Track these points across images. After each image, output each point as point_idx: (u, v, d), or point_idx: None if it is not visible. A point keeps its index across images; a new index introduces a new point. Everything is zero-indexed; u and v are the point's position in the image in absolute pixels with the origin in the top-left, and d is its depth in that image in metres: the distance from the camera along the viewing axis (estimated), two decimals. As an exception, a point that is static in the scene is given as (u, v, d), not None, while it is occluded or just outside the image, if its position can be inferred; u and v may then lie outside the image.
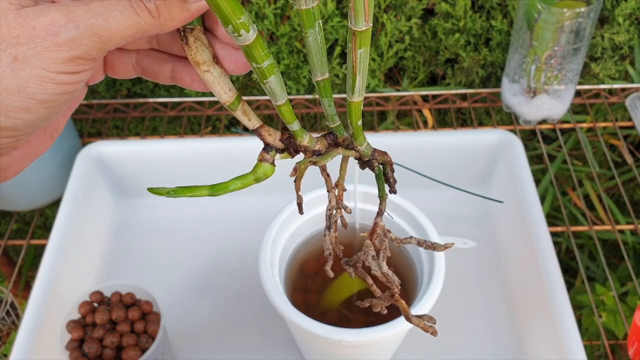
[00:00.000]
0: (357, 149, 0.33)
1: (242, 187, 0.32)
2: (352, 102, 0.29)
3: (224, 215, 0.80)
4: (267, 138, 0.32)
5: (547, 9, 0.70)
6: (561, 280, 0.63)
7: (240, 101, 0.30)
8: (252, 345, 0.67)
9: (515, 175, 0.73)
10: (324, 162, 0.32)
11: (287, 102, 0.29)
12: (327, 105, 0.30)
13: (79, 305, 0.61)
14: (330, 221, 0.33)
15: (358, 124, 0.31)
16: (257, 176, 0.32)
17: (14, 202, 0.78)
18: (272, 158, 0.32)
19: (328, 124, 0.32)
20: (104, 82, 0.92)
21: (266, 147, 0.32)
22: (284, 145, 0.32)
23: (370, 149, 0.33)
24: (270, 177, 0.82)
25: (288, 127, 0.31)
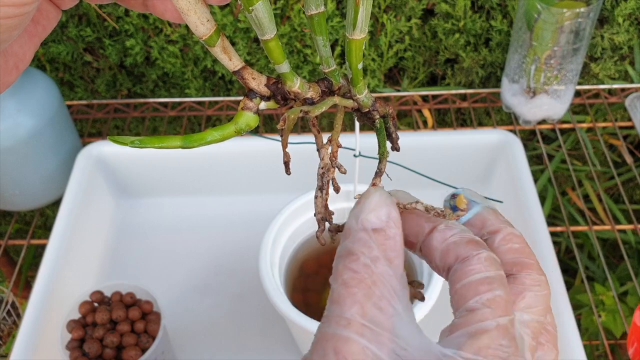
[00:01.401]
0: (356, 98, 0.29)
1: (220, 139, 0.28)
2: (353, 40, 0.26)
3: (224, 215, 0.80)
4: (250, 82, 0.28)
5: (546, 9, 0.70)
6: (561, 280, 0.63)
7: (220, 36, 0.26)
8: (252, 345, 0.68)
9: (515, 175, 0.73)
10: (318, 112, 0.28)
11: (276, 38, 0.25)
12: (321, 44, 0.26)
13: (80, 305, 0.61)
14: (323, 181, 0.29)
15: (358, 67, 0.27)
16: (239, 127, 0.28)
17: (14, 202, 0.78)
18: (256, 106, 0.28)
19: (322, 69, 0.28)
20: (104, 83, 0.92)
21: (249, 93, 0.28)
22: (270, 91, 0.28)
23: (370, 98, 0.29)
24: (271, 177, 0.82)
25: (276, 68, 0.27)
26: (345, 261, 0.23)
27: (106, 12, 0.85)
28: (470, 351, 0.21)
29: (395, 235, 0.23)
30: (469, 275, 0.23)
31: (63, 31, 0.87)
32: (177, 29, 0.86)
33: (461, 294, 0.23)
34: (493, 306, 0.22)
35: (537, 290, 0.25)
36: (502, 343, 0.22)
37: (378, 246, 0.23)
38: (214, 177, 0.80)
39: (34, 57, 0.89)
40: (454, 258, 0.24)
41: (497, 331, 0.22)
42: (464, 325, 0.22)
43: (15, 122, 0.70)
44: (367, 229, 0.23)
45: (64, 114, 0.77)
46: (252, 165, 0.79)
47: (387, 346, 0.21)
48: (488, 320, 0.22)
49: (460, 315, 0.23)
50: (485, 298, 0.22)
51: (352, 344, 0.21)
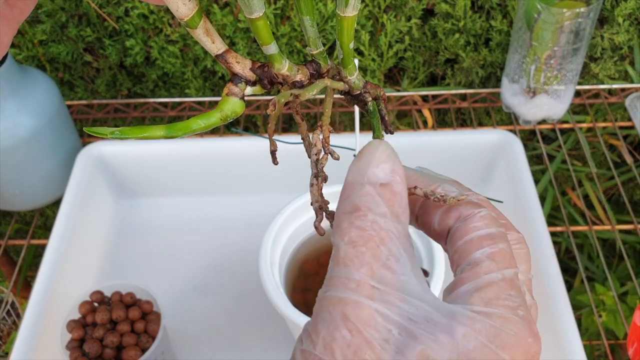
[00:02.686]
0: (347, 79, 0.27)
1: (205, 128, 0.26)
2: (345, 18, 0.24)
3: (224, 215, 0.80)
4: (234, 66, 0.26)
5: (546, 9, 0.70)
6: (561, 280, 0.63)
7: (202, 17, 0.25)
8: (252, 345, 0.68)
9: (515, 175, 0.73)
10: (309, 95, 0.27)
11: (264, 17, 0.24)
12: (308, 25, 0.25)
13: (80, 305, 0.61)
14: (317, 168, 0.28)
15: (350, 46, 0.26)
16: (224, 114, 0.26)
17: (14, 202, 0.78)
18: (242, 92, 0.27)
19: (309, 50, 0.27)
20: (104, 83, 0.92)
21: (234, 78, 0.27)
22: (256, 75, 0.27)
23: (361, 80, 0.28)
24: (271, 177, 0.82)
25: (263, 49, 0.26)
26: (350, 217, 0.22)
27: (106, 12, 0.85)
28: (481, 304, 0.21)
29: (401, 191, 0.22)
30: (471, 232, 0.23)
31: (63, 31, 0.87)
32: (177, 29, 0.86)
33: (464, 249, 0.23)
34: (497, 259, 0.22)
35: (519, 247, 0.25)
36: (511, 293, 0.21)
37: (385, 202, 0.22)
38: (213, 177, 0.80)
39: (34, 57, 0.89)
40: (454, 218, 0.24)
41: (505, 282, 0.21)
42: (469, 279, 0.22)
43: (16, 122, 0.70)
44: (374, 182, 0.22)
45: (64, 114, 0.77)
46: (252, 165, 0.79)
47: (397, 307, 0.20)
48: (493, 273, 0.22)
49: (463, 269, 0.22)
50: (490, 251, 0.22)
51: (362, 308, 0.20)
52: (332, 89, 0.28)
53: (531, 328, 0.21)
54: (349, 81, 0.27)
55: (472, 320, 0.20)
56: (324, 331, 0.20)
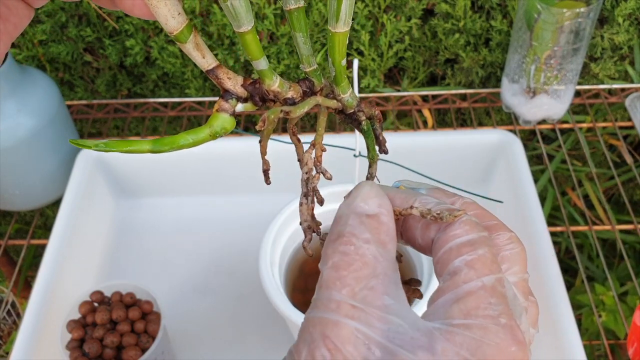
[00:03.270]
0: (340, 97, 0.27)
1: (193, 144, 0.26)
2: (336, 34, 0.24)
3: (224, 215, 0.80)
4: (225, 82, 0.26)
5: (546, 9, 0.70)
6: (561, 280, 0.63)
7: (192, 31, 0.24)
8: (252, 345, 0.68)
9: (515, 175, 0.73)
10: (299, 113, 0.26)
11: (254, 30, 0.24)
12: (301, 42, 0.25)
13: (80, 305, 0.61)
14: (308, 187, 0.27)
15: (342, 63, 0.25)
16: (214, 130, 0.26)
17: (14, 202, 0.78)
18: (233, 108, 0.26)
19: (302, 68, 0.26)
20: (104, 83, 0.92)
21: (225, 94, 0.26)
22: (247, 92, 0.26)
23: (355, 98, 0.27)
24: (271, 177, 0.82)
25: (253, 64, 0.25)
26: (335, 244, 0.22)
27: (106, 12, 0.85)
28: (460, 316, 0.20)
29: (388, 222, 0.23)
30: (450, 240, 0.22)
31: (63, 31, 0.87)
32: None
33: (444, 259, 0.22)
34: (477, 266, 0.21)
35: (511, 248, 0.25)
36: (491, 301, 0.21)
37: (370, 230, 0.22)
38: (214, 177, 0.80)
39: (34, 57, 0.89)
40: (435, 230, 0.23)
41: (484, 290, 0.21)
42: (449, 289, 0.21)
43: (16, 122, 0.70)
44: (360, 213, 0.23)
45: (64, 114, 0.77)
46: (253, 165, 0.79)
47: (377, 326, 0.20)
48: (472, 281, 0.21)
49: (444, 280, 0.22)
50: (469, 259, 0.22)
51: (341, 327, 0.20)
52: (325, 107, 0.27)
53: (515, 336, 0.21)
54: (342, 99, 0.27)
55: (451, 335, 0.20)
56: (305, 351, 0.20)
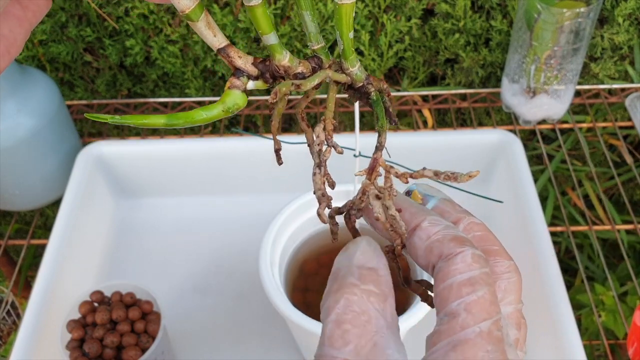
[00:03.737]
0: (348, 71, 0.27)
1: (207, 120, 0.26)
2: (343, 5, 0.24)
3: (224, 215, 0.80)
4: (236, 60, 0.26)
5: (546, 9, 0.70)
6: (561, 280, 0.63)
7: (204, 10, 0.24)
8: (252, 345, 0.68)
9: (515, 175, 0.73)
10: (310, 86, 0.26)
11: (264, 4, 0.24)
12: (308, 20, 0.25)
13: (80, 305, 0.61)
14: (320, 158, 0.27)
15: (349, 36, 0.25)
16: (227, 107, 0.26)
17: (14, 202, 0.78)
18: (244, 85, 0.26)
19: (311, 46, 0.26)
20: (104, 82, 0.92)
21: (236, 72, 0.26)
22: (258, 70, 0.26)
23: (363, 72, 0.27)
24: (271, 177, 0.81)
25: (263, 39, 0.25)
26: (336, 295, 0.22)
27: (106, 12, 0.85)
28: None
29: (386, 275, 0.23)
30: (451, 276, 0.22)
31: (63, 31, 0.87)
32: (177, 28, 0.86)
33: (443, 296, 0.22)
34: (475, 310, 0.21)
35: (508, 277, 0.25)
36: (488, 349, 0.21)
37: (371, 282, 0.22)
38: (214, 177, 0.80)
39: (34, 57, 0.89)
40: (437, 256, 0.23)
41: (481, 338, 0.21)
42: (446, 334, 0.21)
43: (16, 122, 0.70)
44: (360, 266, 0.23)
45: (64, 114, 0.77)
46: (253, 165, 0.79)
47: None
48: (470, 328, 0.21)
49: (442, 321, 0.22)
50: (468, 301, 0.22)
51: None
52: (334, 82, 0.27)
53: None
54: (350, 73, 0.27)
55: None
56: None
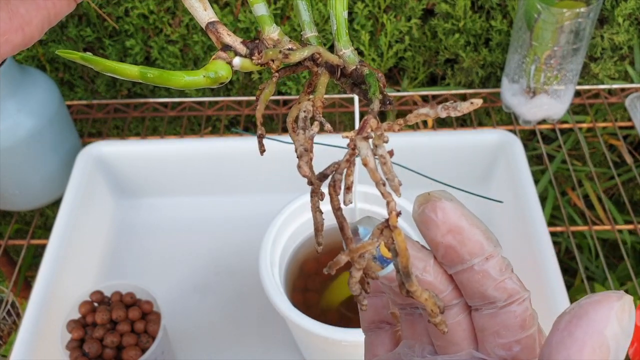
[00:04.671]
0: (341, 53, 0.25)
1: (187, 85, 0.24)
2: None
3: (224, 215, 0.80)
4: (225, 37, 0.24)
5: (546, 9, 0.70)
6: (561, 280, 0.63)
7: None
8: (252, 345, 0.67)
9: (515, 175, 0.73)
10: (299, 57, 0.25)
11: None
12: (303, 9, 0.24)
13: (80, 305, 0.61)
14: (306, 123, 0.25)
15: (343, 15, 0.24)
16: (209, 73, 0.24)
17: (14, 202, 0.78)
18: (230, 59, 0.25)
19: (304, 34, 0.26)
20: (104, 82, 0.92)
21: (224, 47, 0.25)
22: (247, 48, 0.25)
23: (356, 55, 0.25)
24: (271, 177, 0.81)
25: (253, 10, 0.24)
26: None
27: (106, 12, 0.85)
28: None
29: None
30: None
31: (63, 31, 0.87)
32: (177, 29, 0.86)
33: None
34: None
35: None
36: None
37: None
38: (213, 177, 0.80)
39: (34, 57, 0.89)
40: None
41: None
42: None
43: (16, 122, 0.70)
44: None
45: (64, 114, 0.77)
46: (253, 165, 0.79)
47: None
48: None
49: None
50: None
51: None
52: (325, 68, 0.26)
53: None
54: (343, 55, 0.25)
55: None
56: None
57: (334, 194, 0.24)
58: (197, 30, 0.85)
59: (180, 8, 0.84)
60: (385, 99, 0.25)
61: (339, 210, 0.25)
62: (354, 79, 0.26)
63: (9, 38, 0.26)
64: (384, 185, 0.23)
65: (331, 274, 0.25)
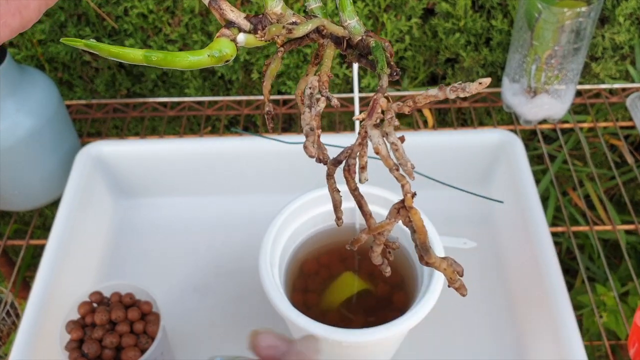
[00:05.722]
0: (346, 24, 0.25)
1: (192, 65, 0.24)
2: None
3: (224, 215, 0.80)
4: (228, 13, 0.24)
5: (547, 8, 0.69)
6: (562, 281, 0.63)
7: None
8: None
9: (515, 175, 0.73)
10: (303, 31, 0.25)
11: None
12: None
13: (79, 305, 0.61)
14: (311, 100, 0.25)
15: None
16: (213, 52, 0.24)
17: (13, 202, 0.78)
18: (234, 35, 0.25)
19: (308, 6, 0.25)
20: (103, 82, 0.92)
21: (227, 24, 0.25)
22: (250, 24, 0.25)
23: (362, 25, 0.25)
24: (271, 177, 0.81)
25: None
26: None
27: (105, 12, 0.84)
28: None
29: None
30: None
31: (62, 31, 0.87)
32: (177, 28, 0.86)
33: None
34: None
35: None
36: None
37: None
38: (214, 177, 0.80)
39: (33, 56, 0.89)
40: None
41: None
42: None
43: (14, 122, 0.70)
44: None
45: (63, 114, 0.77)
46: (252, 165, 0.79)
47: None
48: None
49: None
50: None
51: None
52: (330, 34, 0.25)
53: None
54: (348, 26, 0.25)
55: None
56: None
57: (349, 177, 0.25)
58: (197, 29, 0.85)
59: (180, 7, 0.84)
60: (393, 72, 0.26)
61: (355, 191, 0.26)
62: (360, 49, 0.26)
63: (7, 21, 0.26)
64: (397, 170, 0.24)
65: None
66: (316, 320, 0.52)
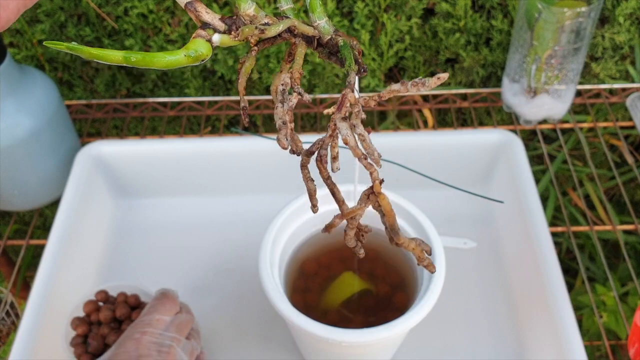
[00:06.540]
0: (316, 24, 0.26)
1: (169, 65, 0.25)
2: None
3: (224, 215, 0.80)
4: (203, 15, 0.26)
5: (547, 8, 0.69)
6: (562, 281, 0.63)
7: None
8: (252, 345, 0.67)
9: (515, 175, 0.73)
10: (274, 31, 0.26)
11: None
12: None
13: (84, 303, 0.61)
14: (284, 96, 0.26)
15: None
16: (189, 52, 0.25)
17: (13, 202, 0.78)
18: (209, 36, 0.26)
19: (280, 7, 0.26)
20: (103, 82, 0.92)
21: (203, 26, 0.26)
22: (225, 25, 0.26)
23: (331, 26, 0.26)
24: (271, 177, 0.81)
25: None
26: None
27: (105, 12, 0.84)
28: None
29: None
30: None
31: (62, 31, 0.87)
32: (177, 28, 0.86)
33: None
34: None
35: None
36: None
37: None
38: (214, 177, 0.80)
39: (33, 56, 0.89)
40: None
41: None
42: None
43: (14, 122, 0.70)
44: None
45: (63, 114, 0.77)
46: (252, 165, 0.79)
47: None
48: None
49: None
50: None
51: None
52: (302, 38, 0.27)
53: None
54: (318, 26, 0.26)
55: None
56: None
57: (322, 167, 0.27)
58: (197, 29, 0.85)
59: (180, 7, 0.84)
60: (360, 68, 0.27)
61: (328, 179, 0.28)
62: (330, 48, 0.27)
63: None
64: (366, 159, 0.25)
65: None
66: (316, 320, 0.52)
